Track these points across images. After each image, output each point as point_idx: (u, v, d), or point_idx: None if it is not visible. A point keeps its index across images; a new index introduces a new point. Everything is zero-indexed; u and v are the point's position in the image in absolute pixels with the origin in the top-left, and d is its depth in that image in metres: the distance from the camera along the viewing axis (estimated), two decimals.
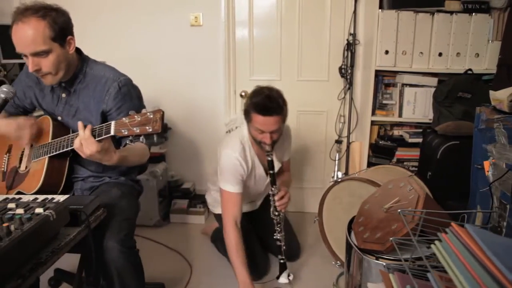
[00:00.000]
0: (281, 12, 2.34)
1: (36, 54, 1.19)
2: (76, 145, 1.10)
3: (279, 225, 1.71)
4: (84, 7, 2.37)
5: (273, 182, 1.66)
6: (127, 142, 1.10)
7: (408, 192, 1.10)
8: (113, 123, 1.08)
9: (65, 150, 1.23)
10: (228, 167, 1.66)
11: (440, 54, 2.05)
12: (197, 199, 2.51)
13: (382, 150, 2.17)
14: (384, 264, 0.96)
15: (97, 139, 1.10)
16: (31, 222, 0.90)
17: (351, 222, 1.29)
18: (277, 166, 1.73)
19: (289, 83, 2.42)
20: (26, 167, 1.39)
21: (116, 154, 1.15)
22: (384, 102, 2.17)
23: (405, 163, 2.17)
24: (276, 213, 1.69)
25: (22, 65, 2.46)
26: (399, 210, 0.91)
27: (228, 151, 1.67)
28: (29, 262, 0.88)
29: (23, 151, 1.45)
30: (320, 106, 2.43)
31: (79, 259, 1.21)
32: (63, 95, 1.37)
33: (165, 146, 2.56)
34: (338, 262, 1.97)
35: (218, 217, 1.89)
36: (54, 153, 1.27)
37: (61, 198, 1.16)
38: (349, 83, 2.30)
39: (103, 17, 2.38)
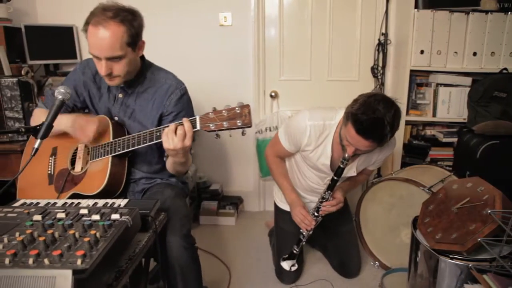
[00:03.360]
0: (312, 11, 2.33)
1: (111, 59, 1.18)
2: (180, 136, 1.09)
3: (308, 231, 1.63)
4: None
5: (330, 188, 1.54)
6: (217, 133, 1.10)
7: (480, 192, 1.09)
8: (197, 118, 1.10)
9: (151, 143, 1.19)
10: (294, 127, 1.54)
11: (474, 54, 2.05)
12: (225, 201, 2.49)
13: (415, 150, 2.17)
14: (470, 265, 0.96)
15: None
16: (113, 229, 0.88)
17: (414, 222, 1.28)
18: (350, 173, 1.58)
19: (319, 83, 2.41)
20: (81, 168, 1.36)
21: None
22: (418, 102, 2.17)
23: (438, 163, 2.18)
24: (316, 214, 1.61)
25: (48, 66, 2.42)
26: (489, 211, 0.91)
27: (306, 115, 1.50)
28: (112, 271, 0.86)
29: (74, 153, 1.41)
30: None
31: (144, 263, 1.18)
32: (120, 95, 1.36)
33: (192, 147, 2.53)
34: (376, 262, 1.96)
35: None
36: (127, 150, 1.24)
37: (122, 202, 1.13)
38: (381, 83, 2.30)
39: None
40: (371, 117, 1.23)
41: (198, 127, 1.10)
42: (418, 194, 1.77)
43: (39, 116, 1.39)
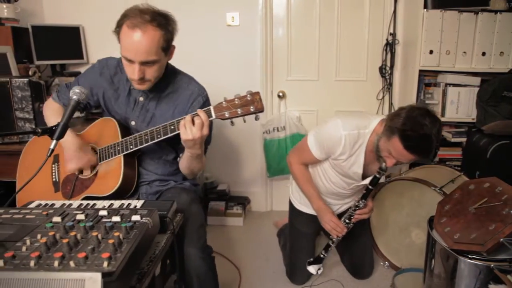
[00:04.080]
0: (319, 11, 2.32)
1: (145, 63, 1.16)
2: (198, 125, 1.09)
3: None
4: (122, 6, 2.32)
5: (365, 196, 1.53)
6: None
7: (498, 193, 1.09)
8: (211, 107, 1.11)
9: (165, 137, 1.18)
10: (327, 136, 1.48)
11: (483, 54, 2.05)
12: (233, 201, 2.48)
13: None
14: (492, 265, 0.95)
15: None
16: (135, 230, 0.87)
17: (429, 222, 1.28)
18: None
19: (326, 83, 2.40)
20: (90, 172, 1.35)
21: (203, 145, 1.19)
22: (427, 102, 2.17)
23: (447, 163, 2.18)
24: (348, 221, 1.60)
25: (54, 66, 2.41)
26: (510, 211, 0.90)
27: (340, 124, 1.45)
28: (135, 273, 0.85)
29: None
30: (357, 106, 2.42)
31: (160, 266, 1.17)
32: (141, 98, 1.34)
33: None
34: (386, 263, 1.96)
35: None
36: (140, 147, 1.23)
37: (138, 203, 1.13)
38: (389, 83, 2.30)
39: None
40: (420, 134, 1.22)
41: (213, 116, 1.11)
42: (429, 194, 1.77)
43: (51, 116, 1.38)
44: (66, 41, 2.36)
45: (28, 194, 1.33)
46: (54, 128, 1.12)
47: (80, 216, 0.94)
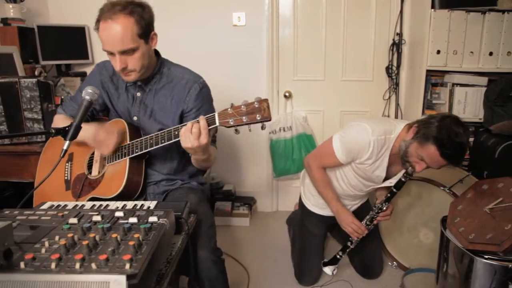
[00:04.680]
0: (326, 11, 2.32)
1: (124, 52, 1.16)
2: (194, 134, 1.07)
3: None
4: None
5: (389, 200, 1.57)
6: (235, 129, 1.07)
7: None
8: (216, 114, 1.08)
9: (169, 142, 1.18)
10: (355, 141, 1.49)
11: (490, 54, 2.05)
12: (239, 201, 2.48)
13: None
14: (510, 265, 0.95)
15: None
16: (153, 232, 0.86)
17: (443, 222, 1.28)
18: (395, 179, 1.57)
19: (332, 83, 2.40)
20: (99, 172, 1.35)
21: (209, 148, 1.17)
22: (434, 101, 2.16)
23: None
24: (369, 223, 1.63)
25: (59, 66, 2.40)
26: None
27: (368, 129, 1.45)
28: (154, 275, 0.85)
29: (90, 157, 1.40)
30: (363, 106, 2.42)
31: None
32: (138, 94, 1.34)
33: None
34: (394, 263, 1.96)
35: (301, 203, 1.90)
36: (145, 150, 1.22)
37: (151, 204, 1.12)
38: (395, 83, 2.29)
39: None
40: (456, 141, 1.27)
41: (217, 123, 1.08)
42: (438, 194, 1.77)
43: (60, 123, 1.36)
44: (72, 41, 2.35)
45: (43, 191, 1.35)
46: (67, 128, 1.12)
47: (96, 218, 0.93)
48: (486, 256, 1.05)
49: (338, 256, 1.75)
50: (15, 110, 1.56)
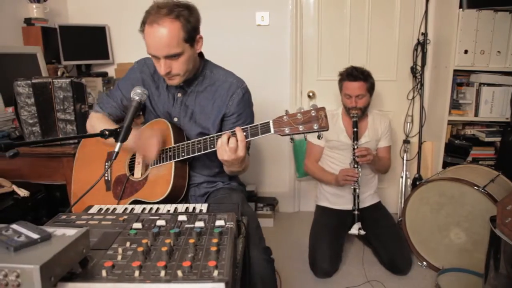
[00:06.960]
0: (350, 10, 2.31)
1: (169, 57, 1.14)
2: (232, 149, 1.06)
3: (356, 182, 1.91)
4: (147, 5, 2.28)
5: (354, 138, 1.93)
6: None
7: None
8: (271, 122, 1.06)
9: (206, 152, 1.17)
10: None
11: None
12: (261, 202, 2.46)
13: (457, 150, 2.17)
14: None
15: (250, 139, 1.09)
16: (225, 236, 0.84)
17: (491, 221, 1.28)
18: (365, 139, 2.03)
19: None
20: (141, 174, 1.32)
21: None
22: (460, 101, 2.16)
23: (479, 162, 2.18)
24: (356, 165, 1.92)
25: (79, 67, 2.36)
26: None
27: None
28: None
29: (131, 158, 1.37)
30: (387, 106, 2.41)
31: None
32: (179, 94, 1.32)
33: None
34: (424, 263, 1.96)
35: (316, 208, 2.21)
36: (192, 155, 1.20)
37: (203, 207, 1.11)
38: (420, 83, 2.29)
39: None
40: (352, 67, 2.00)
41: (272, 131, 1.05)
42: (471, 193, 1.77)
43: (97, 123, 1.34)
44: (92, 41, 2.32)
45: (82, 191, 1.29)
46: (118, 130, 1.09)
47: (160, 222, 0.91)
48: None
49: (354, 212, 1.90)
50: (48, 111, 1.53)
